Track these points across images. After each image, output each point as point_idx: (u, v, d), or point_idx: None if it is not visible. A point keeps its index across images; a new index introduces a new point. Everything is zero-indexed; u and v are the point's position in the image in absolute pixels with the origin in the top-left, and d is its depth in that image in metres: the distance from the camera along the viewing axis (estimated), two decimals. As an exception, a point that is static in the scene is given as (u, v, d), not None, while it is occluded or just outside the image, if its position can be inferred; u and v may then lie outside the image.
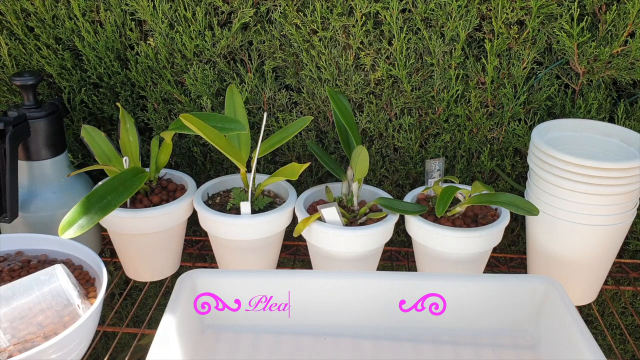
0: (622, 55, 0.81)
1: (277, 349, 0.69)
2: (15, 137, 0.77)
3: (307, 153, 0.93)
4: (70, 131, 0.96)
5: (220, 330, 0.71)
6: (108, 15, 0.86)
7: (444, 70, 0.85)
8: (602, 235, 0.76)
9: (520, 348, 0.70)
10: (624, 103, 0.87)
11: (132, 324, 1.08)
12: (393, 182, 0.95)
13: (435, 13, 0.82)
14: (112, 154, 0.81)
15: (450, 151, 0.92)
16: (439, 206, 0.72)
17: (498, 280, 0.71)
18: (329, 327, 0.71)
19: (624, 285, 0.94)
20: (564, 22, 0.80)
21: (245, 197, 0.80)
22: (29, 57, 0.90)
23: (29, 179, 0.82)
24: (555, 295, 0.68)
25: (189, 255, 0.98)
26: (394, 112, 0.90)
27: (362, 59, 0.85)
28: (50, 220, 0.82)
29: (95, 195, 0.68)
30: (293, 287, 0.70)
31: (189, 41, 0.86)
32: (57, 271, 0.63)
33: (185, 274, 0.70)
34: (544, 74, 0.85)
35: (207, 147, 0.95)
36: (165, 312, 0.64)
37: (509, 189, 0.93)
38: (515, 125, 0.88)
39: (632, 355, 1.05)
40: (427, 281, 0.70)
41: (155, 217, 0.78)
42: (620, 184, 0.72)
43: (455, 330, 0.71)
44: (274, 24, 0.85)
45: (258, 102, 0.91)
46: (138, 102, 0.93)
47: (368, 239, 0.76)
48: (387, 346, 0.69)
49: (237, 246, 0.79)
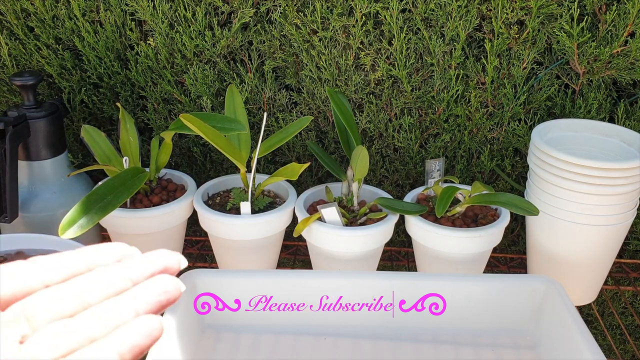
0: (622, 55, 0.81)
1: (277, 349, 0.69)
2: (15, 137, 0.77)
3: (307, 153, 0.93)
4: (70, 131, 0.96)
5: (220, 330, 0.71)
6: (108, 15, 0.86)
7: (444, 70, 0.85)
8: (602, 235, 0.76)
9: (520, 348, 0.70)
10: (624, 103, 0.87)
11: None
12: (393, 182, 0.95)
13: (435, 13, 0.82)
14: (112, 154, 0.81)
15: (450, 151, 0.92)
16: (439, 206, 0.72)
17: (498, 280, 0.71)
18: (329, 327, 0.71)
19: (624, 285, 0.94)
20: (564, 22, 0.80)
21: (245, 197, 0.80)
22: (29, 57, 0.90)
23: (29, 179, 0.82)
24: (555, 295, 0.68)
25: (189, 255, 0.98)
26: (394, 112, 0.90)
27: (362, 59, 0.85)
28: (50, 220, 0.82)
29: (95, 195, 0.67)
30: (293, 287, 0.70)
31: (189, 41, 0.86)
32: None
33: (185, 274, 0.70)
34: (544, 74, 0.85)
35: (207, 147, 0.95)
36: (165, 312, 0.63)
37: (509, 189, 0.93)
38: (515, 125, 0.88)
39: (632, 355, 1.05)
40: (427, 281, 0.70)
41: (155, 217, 0.78)
42: (620, 184, 0.72)
43: (455, 330, 0.71)
44: (274, 24, 0.85)
45: (258, 102, 0.91)
46: (138, 102, 0.93)
47: (368, 239, 0.76)
48: (387, 346, 0.69)
49: (237, 246, 0.79)
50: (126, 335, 0.27)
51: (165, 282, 0.29)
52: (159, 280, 0.29)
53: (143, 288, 0.29)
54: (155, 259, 0.30)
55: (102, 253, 0.30)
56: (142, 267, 0.30)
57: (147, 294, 0.28)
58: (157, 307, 0.28)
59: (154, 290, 0.29)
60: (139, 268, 0.30)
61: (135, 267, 0.30)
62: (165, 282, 0.29)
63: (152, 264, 0.30)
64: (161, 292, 0.29)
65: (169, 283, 0.29)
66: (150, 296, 0.28)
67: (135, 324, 0.27)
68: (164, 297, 0.29)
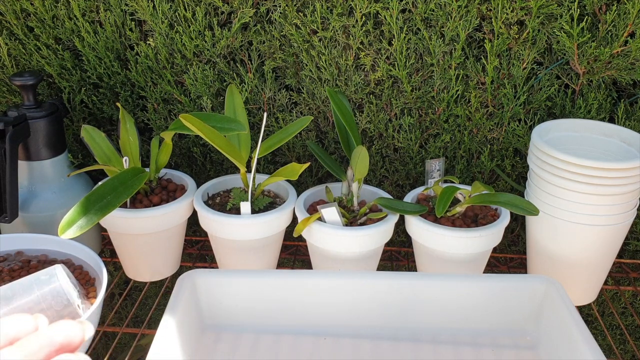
0: (622, 56, 0.81)
1: (277, 349, 0.69)
2: (15, 137, 0.77)
3: (307, 153, 0.93)
4: (70, 131, 0.96)
5: (220, 330, 0.71)
6: (108, 16, 0.86)
7: (444, 70, 0.85)
8: (602, 235, 0.76)
9: (520, 348, 0.70)
10: (624, 103, 0.87)
11: (132, 324, 1.08)
12: (393, 182, 0.95)
13: (435, 13, 0.82)
14: (112, 154, 0.81)
15: (450, 151, 0.92)
16: (439, 206, 0.72)
17: (498, 280, 0.71)
18: (329, 327, 0.71)
19: (624, 285, 0.94)
20: (564, 23, 0.80)
21: (245, 197, 0.80)
22: (29, 57, 0.91)
23: (29, 179, 0.82)
24: (555, 295, 0.68)
25: (189, 255, 0.98)
26: (394, 113, 0.90)
27: (362, 59, 0.85)
28: (50, 220, 0.82)
29: (95, 195, 0.67)
30: (293, 287, 0.70)
31: (189, 41, 0.86)
32: (57, 271, 0.63)
33: (185, 274, 0.70)
34: (544, 74, 0.85)
35: (207, 147, 0.95)
36: (165, 312, 0.63)
37: (509, 189, 0.93)
38: (515, 125, 0.88)
39: (632, 355, 1.05)
40: (427, 281, 0.70)
41: (155, 217, 0.78)
42: (620, 184, 0.72)
43: (455, 330, 0.71)
44: (274, 24, 0.85)
45: (258, 102, 0.91)
46: (138, 102, 0.93)
47: (368, 239, 0.76)
48: (387, 346, 0.69)
49: (237, 246, 0.79)
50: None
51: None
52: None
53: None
54: (55, 333, 0.29)
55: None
56: (39, 349, 0.28)
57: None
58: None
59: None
60: (35, 349, 0.28)
61: (31, 349, 0.28)
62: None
63: (51, 341, 0.29)
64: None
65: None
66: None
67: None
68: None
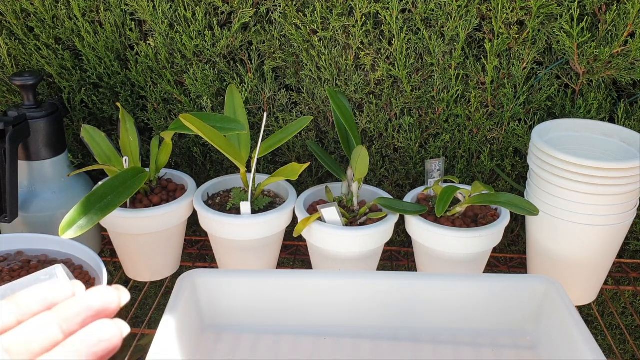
0: (622, 56, 0.81)
1: (277, 349, 0.69)
2: (15, 137, 0.77)
3: (307, 153, 0.93)
4: (70, 131, 0.96)
5: (220, 330, 0.71)
6: (108, 16, 0.86)
7: (444, 70, 0.85)
8: (602, 235, 0.76)
9: (520, 348, 0.70)
10: (624, 103, 0.87)
11: (132, 324, 1.08)
12: (393, 182, 0.95)
13: (435, 13, 0.82)
14: (112, 154, 0.81)
15: (450, 151, 0.92)
16: (439, 206, 0.72)
17: (498, 280, 0.71)
18: (329, 327, 0.71)
19: (624, 285, 0.94)
20: (564, 22, 0.80)
21: (245, 197, 0.80)
22: (29, 57, 0.90)
23: (29, 179, 0.82)
24: (555, 295, 0.68)
25: (189, 255, 0.98)
26: (394, 112, 0.90)
27: (362, 59, 0.85)
28: (50, 220, 0.82)
29: (95, 195, 0.67)
30: (293, 287, 0.70)
31: (189, 41, 0.86)
32: (57, 271, 0.63)
33: (185, 274, 0.70)
34: (544, 74, 0.85)
35: (207, 147, 0.95)
36: (165, 312, 0.63)
37: (509, 189, 0.93)
38: (515, 125, 0.88)
39: (632, 355, 1.05)
40: (427, 281, 0.70)
41: (155, 217, 0.78)
42: (620, 184, 0.72)
43: (455, 330, 0.71)
44: (274, 24, 0.85)
45: (258, 102, 0.91)
46: (138, 102, 0.93)
47: (368, 239, 0.76)
48: (387, 346, 0.69)
49: (237, 246, 0.79)
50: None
51: (100, 330, 0.28)
52: (94, 329, 0.28)
53: (74, 342, 0.27)
54: (91, 299, 0.29)
55: (36, 299, 0.29)
56: (76, 314, 0.28)
57: (78, 348, 0.27)
58: (93, 358, 0.27)
59: (87, 342, 0.27)
60: (72, 315, 0.28)
61: (68, 314, 0.28)
62: (100, 330, 0.28)
63: (88, 307, 0.28)
64: (95, 342, 0.27)
65: (105, 331, 0.28)
66: (82, 350, 0.27)
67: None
68: (99, 347, 0.27)
